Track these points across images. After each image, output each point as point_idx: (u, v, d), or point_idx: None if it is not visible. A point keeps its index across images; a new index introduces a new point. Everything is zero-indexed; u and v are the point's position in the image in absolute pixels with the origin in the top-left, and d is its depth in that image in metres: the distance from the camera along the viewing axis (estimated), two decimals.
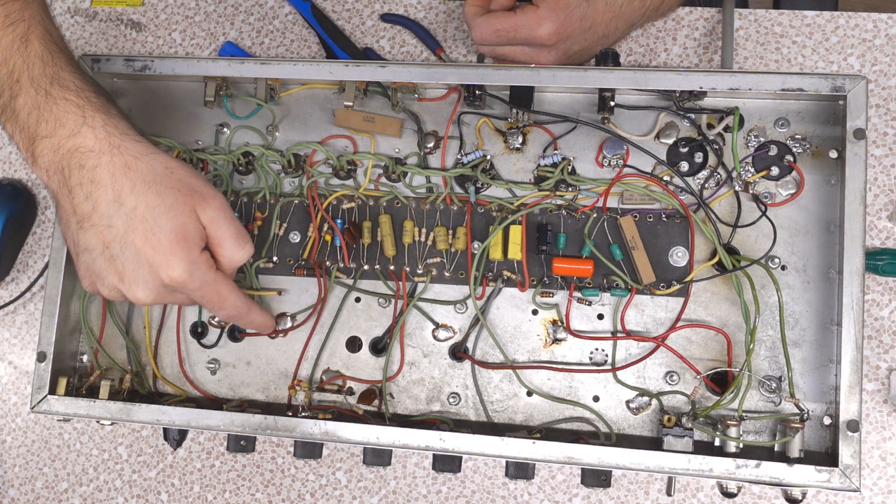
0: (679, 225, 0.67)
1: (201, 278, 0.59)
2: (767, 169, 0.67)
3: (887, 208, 0.71)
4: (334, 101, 0.73)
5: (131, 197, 0.57)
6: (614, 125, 0.69)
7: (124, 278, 0.58)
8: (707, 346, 0.67)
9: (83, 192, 0.57)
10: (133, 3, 0.86)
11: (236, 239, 0.60)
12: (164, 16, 0.85)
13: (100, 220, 0.57)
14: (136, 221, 0.57)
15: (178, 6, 0.85)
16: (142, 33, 0.84)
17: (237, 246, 0.60)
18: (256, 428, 0.66)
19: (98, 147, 0.57)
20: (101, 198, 0.57)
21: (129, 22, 0.85)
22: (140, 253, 0.57)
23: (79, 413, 0.69)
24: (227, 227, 0.60)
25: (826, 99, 0.66)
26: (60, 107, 0.58)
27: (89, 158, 0.57)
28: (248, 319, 0.65)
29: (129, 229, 0.57)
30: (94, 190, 0.57)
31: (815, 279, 0.66)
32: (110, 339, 0.74)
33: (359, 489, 0.75)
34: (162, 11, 0.85)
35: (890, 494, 0.69)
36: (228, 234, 0.60)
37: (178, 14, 0.85)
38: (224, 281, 0.61)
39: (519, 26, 0.69)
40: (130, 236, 0.57)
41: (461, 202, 0.70)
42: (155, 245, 0.57)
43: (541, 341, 0.69)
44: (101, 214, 0.57)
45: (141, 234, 0.57)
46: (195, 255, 0.58)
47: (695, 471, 0.61)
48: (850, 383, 0.61)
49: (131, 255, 0.57)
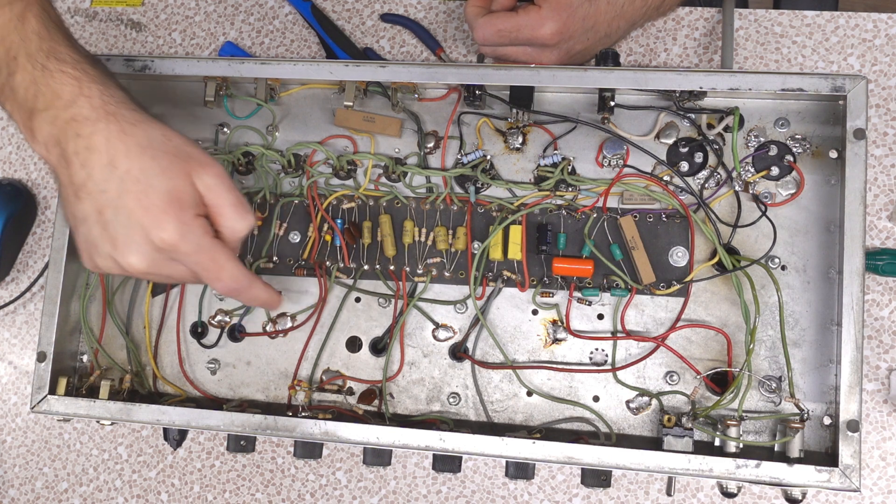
0: (679, 225, 0.67)
1: (195, 242, 0.56)
2: (767, 169, 0.67)
3: (887, 208, 0.71)
4: (334, 101, 0.73)
5: (125, 160, 0.56)
6: (614, 125, 0.69)
7: (117, 244, 0.56)
8: (707, 346, 0.67)
9: (79, 160, 0.56)
10: (133, 3, 0.86)
11: (236, 207, 0.58)
12: (164, 16, 0.85)
13: (94, 186, 0.56)
14: (129, 183, 0.55)
15: (178, 6, 0.85)
16: (142, 33, 0.85)
17: (237, 214, 0.58)
18: (256, 428, 0.66)
19: (94, 115, 0.56)
20: (96, 163, 0.56)
21: (129, 22, 0.85)
22: (132, 215, 0.55)
23: (79, 413, 0.69)
24: (225, 194, 0.57)
25: (826, 99, 0.66)
26: (57, 80, 0.58)
27: (85, 127, 0.56)
28: (251, 294, 0.61)
29: (123, 192, 0.55)
30: (89, 157, 0.56)
31: (815, 279, 0.66)
32: (110, 339, 0.74)
33: (359, 489, 0.75)
34: (162, 11, 0.85)
35: (890, 494, 0.69)
36: (227, 201, 0.57)
37: (178, 14, 0.85)
38: (221, 248, 0.58)
39: (521, 26, 0.69)
40: (124, 199, 0.55)
41: (461, 202, 0.70)
42: (147, 206, 0.55)
43: (541, 341, 0.69)
44: (95, 181, 0.56)
45: (134, 196, 0.55)
46: (188, 217, 0.56)
47: (695, 471, 0.61)
48: (850, 383, 0.60)
49: (124, 219, 0.56)
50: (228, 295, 0.61)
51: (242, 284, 0.59)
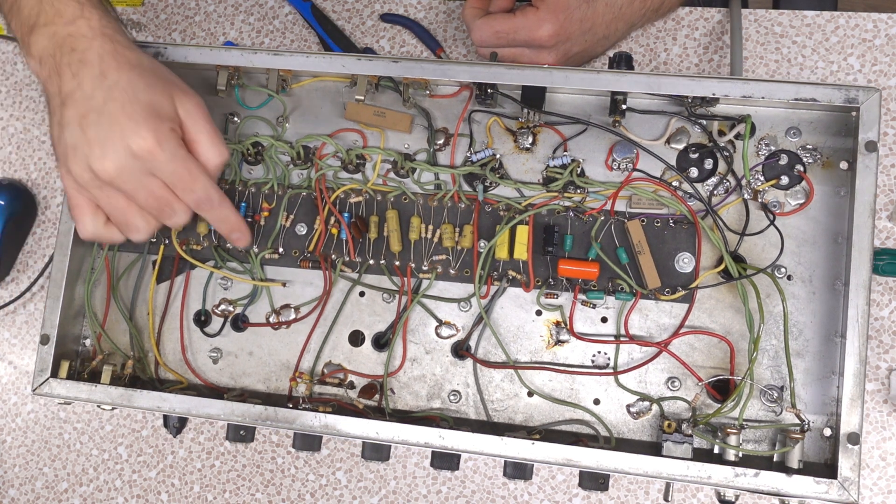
0: (686, 231, 0.67)
1: (171, 150, 0.59)
2: (777, 178, 0.67)
3: (887, 208, 0.71)
4: (345, 94, 0.73)
5: (115, 73, 0.59)
6: (625, 129, 0.69)
7: (93, 145, 0.59)
8: (710, 354, 0.67)
9: (70, 71, 0.60)
10: (133, 3, 0.86)
11: (212, 137, 0.61)
12: (165, 16, 0.85)
13: (82, 94, 0.59)
14: (115, 92, 0.59)
15: (178, 6, 0.85)
16: (142, 33, 0.85)
17: (212, 144, 0.61)
18: (256, 418, 0.66)
19: (91, 34, 0.60)
20: (87, 75, 0.59)
21: (130, 22, 0.85)
22: (114, 120, 0.58)
23: (80, 397, 0.69)
24: (203, 123, 0.61)
25: (839, 110, 0.65)
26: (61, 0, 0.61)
27: (81, 43, 0.60)
28: (221, 213, 0.63)
29: (108, 99, 0.59)
30: (80, 69, 0.59)
31: (820, 290, 0.66)
32: (113, 325, 0.74)
33: (359, 489, 0.75)
34: (162, 11, 0.85)
35: (890, 494, 0.69)
36: (204, 130, 0.61)
37: (178, 14, 0.85)
38: (195, 161, 0.61)
39: (518, 28, 0.69)
40: (108, 105, 0.59)
41: (469, 200, 0.70)
42: (129, 113, 0.58)
43: (543, 342, 0.69)
44: (83, 90, 0.59)
45: (118, 104, 0.59)
46: (166, 129, 0.59)
47: (693, 478, 0.61)
48: (852, 396, 0.60)
49: (105, 123, 0.59)
50: (198, 209, 0.62)
51: (214, 199, 0.62)
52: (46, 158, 0.87)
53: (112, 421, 0.82)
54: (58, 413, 0.83)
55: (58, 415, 0.83)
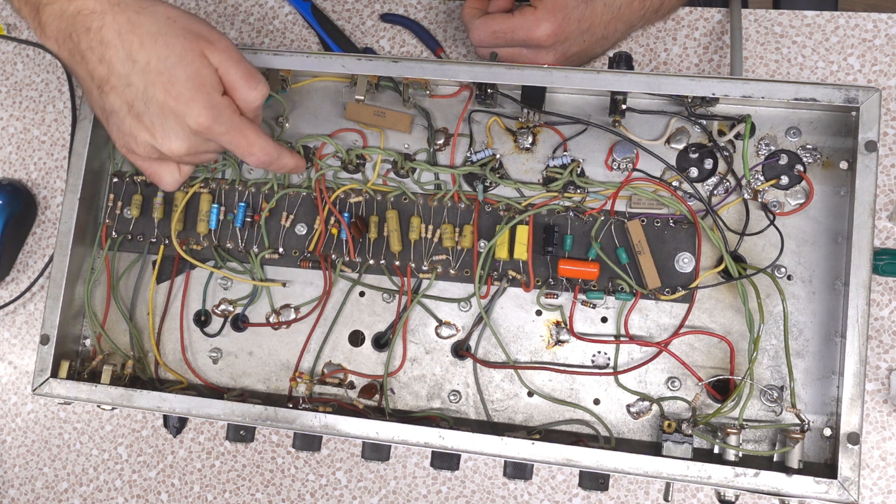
0: (686, 231, 0.67)
1: (227, 122, 0.60)
2: (777, 178, 0.67)
3: (887, 208, 0.71)
4: (345, 94, 0.73)
5: (142, 52, 0.58)
6: (625, 128, 0.69)
7: (155, 133, 0.60)
8: (710, 354, 0.67)
9: (95, 55, 0.59)
10: None
11: (247, 79, 0.61)
12: None
13: (118, 80, 0.59)
14: (152, 76, 0.58)
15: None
16: None
17: (249, 86, 0.61)
18: (256, 418, 0.66)
19: (100, 7, 0.59)
20: (114, 58, 0.59)
21: None
22: (164, 106, 0.59)
23: (80, 397, 0.69)
24: (235, 68, 0.61)
25: (838, 110, 0.65)
26: None
27: (93, 20, 0.59)
28: (280, 163, 0.65)
29: (148, 84, 0.58)
30: (105, 51, 0.59)
31: (820, 290, 0.66)
32: (113, 325, 0.74)
33: (359, 489, 0.75)
34: None
35: (890, 494, 0.69)
36: (239, 75, 0.61)
37: None
38: (250, 125, 0.62)
39: (517, 28, 0.69)
40: (150, 91, 0.59)
41: (469, 200, 0.70)
42: (176, 96, 0.58)
43: (543, 342, 0.69)
44: (117, 75, 0.59)
45: (160, 87, 0.58)
46: (216, 98, 0.60)
47: (693, 478, 0.61)
48: (852, 396, 0.60)
49: (156, 110, 0.59)
50: (260, 166, 0.65)
51: (273, 156, 0.64)
52: (46, 158, 0.87)
53: (112, 421, 0.82)
54: (58, 413, 0.83)
55: (58, 415, 0.83)
